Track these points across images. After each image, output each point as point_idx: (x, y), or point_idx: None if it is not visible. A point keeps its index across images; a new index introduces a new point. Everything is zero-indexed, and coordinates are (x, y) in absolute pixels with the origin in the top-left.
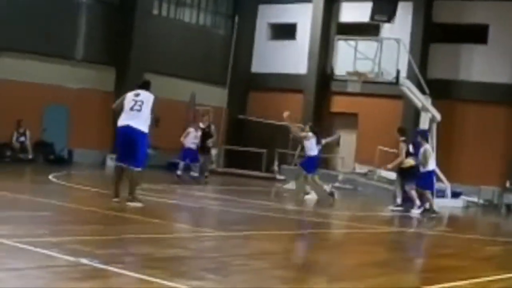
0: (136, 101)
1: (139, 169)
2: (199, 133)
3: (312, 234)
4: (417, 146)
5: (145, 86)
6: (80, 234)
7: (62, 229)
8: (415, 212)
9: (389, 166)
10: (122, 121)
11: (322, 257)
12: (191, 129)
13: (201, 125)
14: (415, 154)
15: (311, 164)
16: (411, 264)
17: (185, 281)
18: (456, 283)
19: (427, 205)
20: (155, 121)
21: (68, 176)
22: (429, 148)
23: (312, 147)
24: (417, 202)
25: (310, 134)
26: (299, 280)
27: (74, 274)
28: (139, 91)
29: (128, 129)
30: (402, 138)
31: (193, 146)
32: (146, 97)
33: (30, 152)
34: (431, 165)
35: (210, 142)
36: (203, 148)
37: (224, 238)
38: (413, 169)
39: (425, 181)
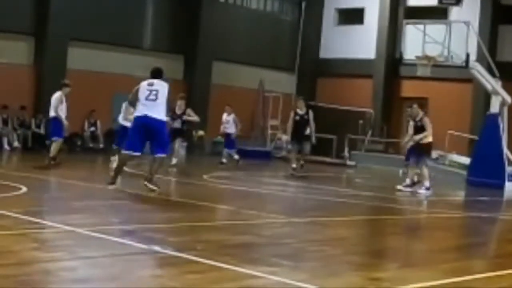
0: (150, 91)
1: (165, 155)
2: (230, 117)
3: (384, 220)
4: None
5: (158, 74)
6: (152, 222)
7: (134, 217)
8: (424, 192)
9: (416, 137)
10: (139, 111)
11: (394, 243)
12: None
13: (299, 111)
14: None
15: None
16: (484, 249)
17: (259, 267)
18: None
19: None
20: (170, 110)
21: (139, 164)
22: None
23: None
24: (428, 182)
25: None
26: (372, 266)
27: (147, 261)
28: (152, 80)
29: (146, 119)
30: (423, 113)
31: (229, 131)
32: (161, 86)
33: (101, 141)
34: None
35: (308, 131)
36: (301, 137)
37: (297, 224)
38: (430, 146)
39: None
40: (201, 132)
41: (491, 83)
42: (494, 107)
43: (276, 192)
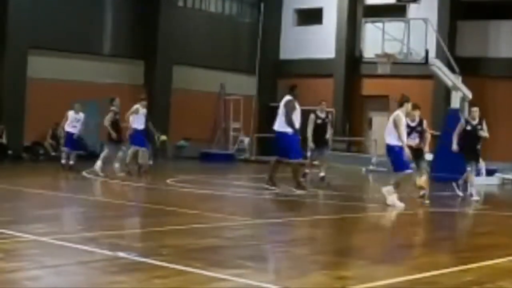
0: (279, 107)
1: (293, 160)
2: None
3: (348, 218)
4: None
5: (289, 90)
6: (117, 228)
7: (98, 224)
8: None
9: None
10: None
11: (361, 241)
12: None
13: (319, 113)
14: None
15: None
16: (450, 244)
17: (225, 270)
18: (495, 261)
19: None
20: (288, 120)
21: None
22: None
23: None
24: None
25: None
26: (338, 265)
27: (112, 268)
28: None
29: (275, 132)
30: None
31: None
32: (282, 101)
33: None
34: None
35: (328, 135)
36: (322, 141)
37: (262, 225)
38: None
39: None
40: (163, 137)
41: (451, 78)
42: (455, 103)
43: (240, 194)
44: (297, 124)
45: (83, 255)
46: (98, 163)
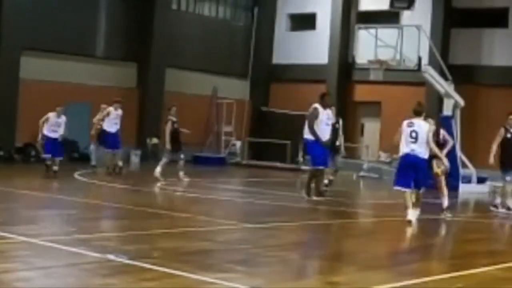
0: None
1: (314, 167)
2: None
3: (340, 224)
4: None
5: (319, 97)
6: (107, 231)
7: (89, 226)
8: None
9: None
10: None
11: (352, 246)
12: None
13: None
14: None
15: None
16: (440, 251)
17: (213, 274)
18: (487, 268)
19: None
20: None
21: (93, 173)
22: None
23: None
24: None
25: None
26: (329, 270)
27: (102, 270)
28: None
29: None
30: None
31: (112, 130)
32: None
33: None
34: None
35: (339, 142)
36: (331, 148)
37: (252, 230)
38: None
39: None
40: (155, 140)
41: (444, 86)
42: (447, 110)
43: (231, 198)
44: (319, 133)
45: (74, 257)
46: (158, 169)
